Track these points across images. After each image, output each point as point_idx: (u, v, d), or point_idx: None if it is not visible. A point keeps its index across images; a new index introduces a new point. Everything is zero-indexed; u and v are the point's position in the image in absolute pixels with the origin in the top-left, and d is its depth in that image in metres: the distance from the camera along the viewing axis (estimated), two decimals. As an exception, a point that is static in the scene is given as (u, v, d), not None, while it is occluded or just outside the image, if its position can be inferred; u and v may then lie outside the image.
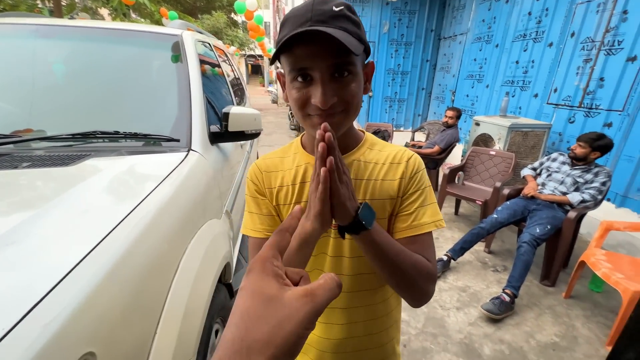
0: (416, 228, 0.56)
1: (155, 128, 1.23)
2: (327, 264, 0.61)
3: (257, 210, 0.62)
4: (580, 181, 2.17)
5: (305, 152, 0.61)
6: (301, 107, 0.49)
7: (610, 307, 2.00)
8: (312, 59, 0.45)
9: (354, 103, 0.50)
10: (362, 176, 0.58)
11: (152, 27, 1.67)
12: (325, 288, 0.24)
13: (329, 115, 0.48)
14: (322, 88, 0.46)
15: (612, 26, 2.76)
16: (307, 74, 0.47)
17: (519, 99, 3.87)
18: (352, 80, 0.48)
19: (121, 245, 0.67)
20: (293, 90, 0.49)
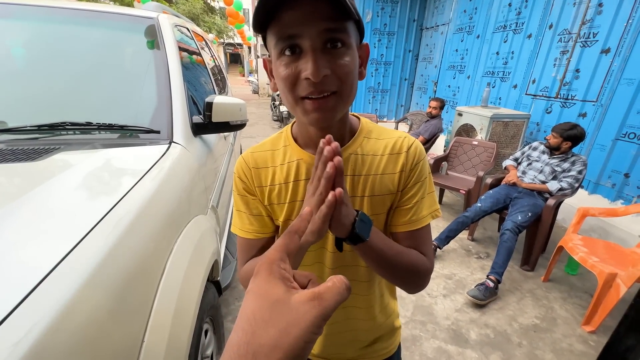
0: (415, 222, 0.55)
1: (132, 119, 1.14)
2: (327, 258, 0.59)
3: (245, 209, 0.59)
4: (558, 170, 2.25)
5: (297, 146, 0.55)
6: (291, 88, 0.43)
7: (585, 288, 2.11)
8: (301, 23, 0.40)
9: (349, 82, 0.44)
10: (360, 172, 0.54)
11: (125, 8, 1.54)
12: (334, 291, 0.24)
13: (322, 99, 0.43)
14: (312, 56, 0.40)
15: (588, 18, 2.84)
16: (296, 45, 0.41)
17: (499, 90, 3.95)
18: (347, 53, 0.43)
19: (101, 247, 0.61)
20: (281, 68, 0.43)
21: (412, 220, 0.55)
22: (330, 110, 0.45)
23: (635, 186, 2.50)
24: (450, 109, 4.78)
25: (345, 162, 0.53)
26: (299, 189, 0.55)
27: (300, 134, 0.56)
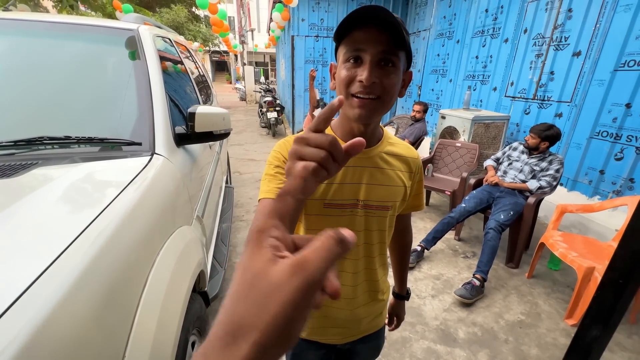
0: (419, 207, 0.81)
1: (113, 131, 1.14)
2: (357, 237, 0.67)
3: (274, 178, 0.66)
4: (537, 169, 2.34)
5: (335, 136, 0.62)
6: (346, 85, 0.56)
7: (567, 283, 2.18)
8: (367, 42, 0.53)
9: (390, 93, 0.56)
10: (388, 166, 0.69)
11: (104, 21, 1.54)
12: (321, 252, 0.20)
13: (367, 100, 0.55)
14: (369, 67, 0.53)
15: (559, 23, 2.97)
16: (359, 57, 0.55)
17: (480, 93, 4.07)
18: (394, 72, 0.56)
19: (81, 261, 0.60)
20: (343, 70, 0.56)
21: (416, 206, 0.80)
22: (371, 110, 0.56)
23: (610, 182, 2.60)
24: (434, 112, 4.89)
25: (376, 158, 0.68)
26: (338, 173, 0.65)
27: (341, 127, 0.67)
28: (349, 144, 0.32)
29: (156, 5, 14.38)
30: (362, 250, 0.73)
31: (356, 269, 0.74)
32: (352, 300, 0.75)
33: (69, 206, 0.78)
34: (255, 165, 4.85)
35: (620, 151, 2.52)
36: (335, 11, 5.78)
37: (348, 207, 0.67)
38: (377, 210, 0.69)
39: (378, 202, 0.68)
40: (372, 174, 0.67)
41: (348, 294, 0.75)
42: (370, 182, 0.67)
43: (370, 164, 0.67)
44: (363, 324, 0.80)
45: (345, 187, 0.66)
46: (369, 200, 0.68)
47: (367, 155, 0.67)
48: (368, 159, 0.67)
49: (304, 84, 6.21)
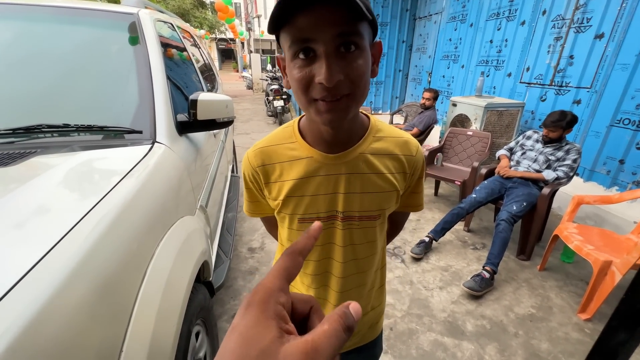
0: (419, 207, 0.70)
1: (112, 119, 1.11)
2: (337, 253, 0.62)
3: (248, 197, 0.68)
4: (552, 159, 2.24)
5: (305, 144, 0.57)
6: (304, 90, 0.44)
7: (580, 276, 2.11)
8: (316, 27, 0.40)
9: (362, 84, 0.45)
10: (370, 170, 0.57)
11: (102, 4, 1.49)
12: (331, 338, 0.19)
13: (335, 101, 0.44)
14: (326, 62, 0.41)
15: (581, 3, 2.80)
16: (310, 49, 0.42)
17: (494, 79, 3.91)
18: (360, 55, 0.43)
19: (78, 250, 0.59)
20: (294, 70, 0.44)
21: (412, 206, 0.70)
22: (343, 111, 0.46)
23: (630, 172, 2.49)
24: (445, 99, 4.75)
25: (356, 161, 0.56)
26: (308, 185, 0.57)
27: (310, 131, 0.57)
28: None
29: (162, -8, 14.19)
30: (352, 267, 0.63)
31: (345, 287, 0.65)
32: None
33: (66, 195, 0.76)
34: (262, 155, 4.81)
35: (642, 140, 2.40)
36: (343, -5, 5.58)
37: (325, 219, 0.58)
38: (361, 221, 0.59)
39: (361, 212, 0.58)
40: (350, 181, 0.56)
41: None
42: (349, 191, 0.56)
43: (347, 169, 0.56)
44: (354, 338, 0.73)
45: (319, 199, 0.57)
46: (350, 211, 0.58)
47: (343, 160, 0.55)
48: (344, 164, 0.55)
49: (311, 72, 6.07)
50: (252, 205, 0.68)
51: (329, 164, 0.56)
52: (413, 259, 2.25)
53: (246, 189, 0.66)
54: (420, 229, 2.67)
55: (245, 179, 0.64)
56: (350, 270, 0.63)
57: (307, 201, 0.57)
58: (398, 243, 2.45)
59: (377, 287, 0.73)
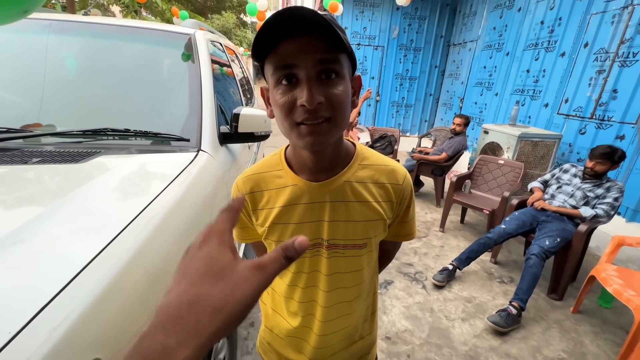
0: (410, 236, 0.69)
1: (165, 127, 1.22)
2: (322, 281, 0.61)
3: (240, 225, 0.67)
4: (591, 195, 2.13)
5: (290, 172, 0.58)
6: (287, 113, 0.46)
7: (620, 324, 1.95)
8: (298, 54, 0.43)
9: (341, 110, 0.47)
10: (356, 198, 0.57)
11: (165, 25, 1.67)
12: (275, 261, 0.25)
13: (316, 124, 0.46)
14: (307, 85, 0.44)
15: (627, 38, 2.72)
16: (292, 75, 0.45)
17: (529, 108, 3.82)
18: (340, 83, 0.46)
19: (130, 247, 0.65)
20: (277, 95, 0.46)
21: (409, 233, 0.68)
22: (324, 134, 0.47)
23: (680, 216, 2.30)
24: (476, 126, 4.68)
25: (341, 189, 0.56)
26: (293, 212, 0.57)
27: (295, 159, 0.58)
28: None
29: (208, 12, 15.33)
30: (336, 296, 0.61)
31: (329, 317, 0.63)
32: (324, 349, 0.65)
33: (123, 194, 0.85)
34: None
35: (694, 182, 2.23)
36: (379, 20, 5.77)
37: (311, 247, 0.58)
38: (346, 250, 0.58)
39: (346, 240, 0.58)
40: (335, 209, 0.56)
41: (318, 342, 0.64)
42: (334, 219, 0.56)
43: (331, 197, 0.56)
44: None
45: (304, 227, 0.57)
46: (334, 239, 0.58)
47: (328, 188, 0.56)
48: (329, 192, 0.56)
49: (341, 91, 6.24)
50: (242, 231, 0.67)
51: (313, 192, 0.56)
52: (435, 286, 2.19)
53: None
54: (443, 256, 2.59)
55: None
56: (336, 299, 0.62)
57: (292, 228, 0.58)
58: (420, 268, 2.40)
59: (369, 314, 0.71)
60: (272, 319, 0.70)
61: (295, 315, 0.65)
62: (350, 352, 0.70)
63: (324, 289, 0.61)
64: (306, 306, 0.63)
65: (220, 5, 15.23)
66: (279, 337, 0.69)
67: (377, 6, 5.68)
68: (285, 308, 0.66)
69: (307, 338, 0.66)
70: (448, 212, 3.03)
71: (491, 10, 4.64)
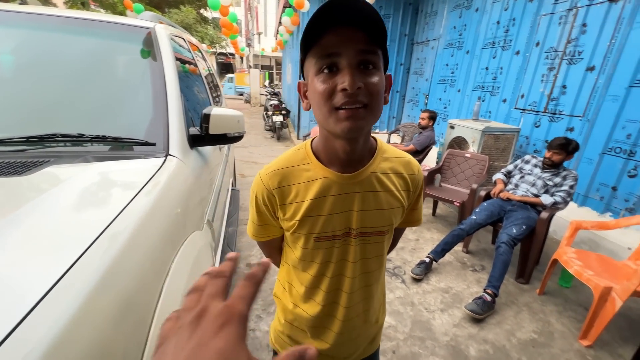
0: (417, 222, 0.74)
1: (127, 131, 1.10)
2: (349, 269, 0.65)
3: (259, 221, 0.68)
4: (550, 184, 2.29)
5: (319, 164, 0.60)
6: (327, 99, 0.48)
7: (579, 301, 2.12)
8: (340, 44, 0.46)
9: (377, 99, 0.49)
10: (382, 188, 0.62)
11: (121, 18, 1.51)
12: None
13: (354, 109, 0.48)
14: (349, 71, 0.46)
15: (573, 37, 2.96)
16: (334, 64, 0.47)
17: (489, 104, 4.05)
18: (377, 74, 0.49)
19: (96, 269, 0.56)
20: (318, 84, 0.49)
21: (412, 221, 0.73)
22: (361, 119, 0.49)
23: (623, 199, 2.56)
24: (442, 121, 4.87)
25: (368, 180, 0.60)
26: (324, 204, 0.60)
27: (325, 150, 0.59)
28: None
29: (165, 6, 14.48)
30: (359, 281, 0.66)
31: (352, 302, 0.67)
32: (347, 333, 0.69)
33: (83, 209, 0.74)
34: (259, 168, 4.75)
35: (634, 168, 2.48)
36: (344, 18, 5.79)
37: (340, 237, 0.62)
38: (372, 237, 0.63)
39: (373, 228, 0.62)
40: (364, 199, 0.60)
41: (341, 327, 0.68)
42: (362, 209, 0.60)
43: (361, 188, 0.60)
44: (356, 352, 0.75)
45: (335, 218, 0.60)
46: (363, 228, 0.61)
47: (357, 179, 0.59)
48: (358, 183, 0.59)
49: (310, 89, 6.20)
50: (260, 228, 0.68)
51: (343, 184, 0.59)
52: (413, 280, 2.23)
53: (257, 212, 0.66)
54: (419, 249, 2.66)
55: (257, 201, 0.64)
56: (359, 284, 0.66)
57: (322, 220, 0.60)
58: (398, 263, 2.44)
59: (382, 298, 0.77)
60: (292, 312, 0.71)
61: (319, 304, 0.67)
62: (366, 335, 0.74)
63: (350, 275, 0.64)
64: (332, 295, 0.66)
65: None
66: (300, 329, 0.71)
67: (343, 4, 5.69)
68: (308, 299, 0.68)
69: (330, 325, 0.69)
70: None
71: (451, 10, 4.84)
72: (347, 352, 0.73)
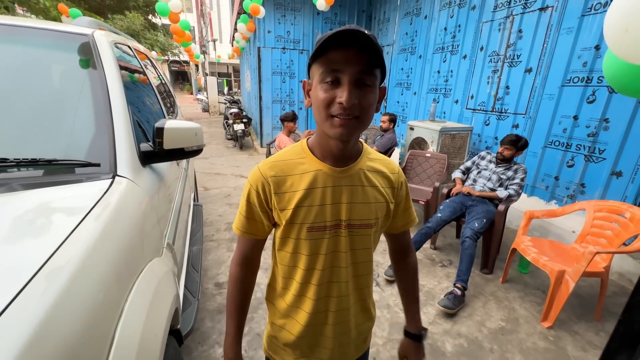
0: (410, 223, 0.78)
1: (63, 151, 0.97)
2: (340, 259, 0.69)
3: (247, 214, 0.69)
4: (504, 178, 2.46)
5: (314, 158, 0.66)
6: (325, 107, 0.57)
7: (537, 285, 2.29)
8: (344, 62, 0.54)
9: (368, 113, 0.58)
10: (368, 183, 0.68)
11: (54, 24, 1.34)
12: None
13: (347, 120, 0.56)
14: (348, 88, 0.54)
15: (511, 42, 3.23)
16: (336, 78, 0.55)
17: (443, 105, 4.28)
18: (371, 92, 0.57)
19: (36, 310, 0.47)
20: (320, 91, 0.56)
21: (409, 221, 0.77)
22: (352, 129, 0.58)
23: (564, 187, 2.83)
24: (401, 123, 5.06)
25: (357, 175, 0.67)
26: (317, 195, 0.65)
27: (320, 147, 0.66)
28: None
29: (108, 12, 13.51)
30: (351, 271, 0.71)
31: (346, 292, 0.71)
32: (342, 324, 0.73)
33: (13, 245, 0.62)
34: (223, 180, 4.61)
35: (571, 159, 2.76)
36: (301, 24, 5.82)
37: (331, 228, 0.66)
38: (360, 229, 0.68)
39: (361, 220, 0.67)
40: (352, 192, 0.66)
41: (336, 318, 0.72)
42: (351, 201, 0.66)
43: (350, 182, 0.66)
44: (351, 348, 0.78)
45: (327, 208, 0.65)
46: (351, 220, 0.66)
47: (347, 174, 0.66)
48: (348, 177, 0.66)
49: (271, 96, 6.13)
50: (246, 222, 0.69)
51: (334, 176, 0.65)
52: (387, 282, 2.25)
53: (246, 202, 0.68)
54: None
55: (250, 191, 0.67)
56: (350, 274, 0.70)
57: (315, 210, 0.65)
58: (371, 266, 2.45)
59: (371, 296, 0.80)
60: (286, 313, 0.73)
61: (309, 299, 0.70)
62: (357, 332, 0.76)
63: (342, 265, 0.69)
64: (323, 288, 0.69)
65: (122, 4, 13.52)
66: (292, 334, 0.73)
67: (299, 10, 5.72)
68: (302, 296, 0.71)
69: (325, 319, 0.72)
70: (388, 207, 3.18)
71: (402, 17, 5.07)
72: (342, 343, 0.75)
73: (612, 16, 1.35)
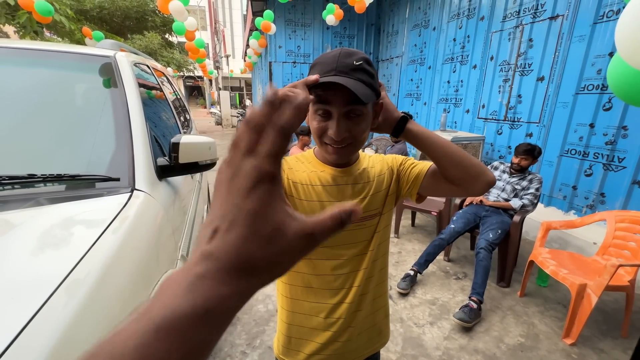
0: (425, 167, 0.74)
1: (85, 167, 1.02)
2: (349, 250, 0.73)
3: None
4: (518, 188, 2.41)
5: (318, 161, 0.74)
6: (319, 136, 0.64)
7: (557, 299, 2.19)
8: (334, 98, 0.58)
9: (360, 138, 0.64)
10: (367, 179, 0.74)
11: (78, 47, 1.43)
12: (325, 229, 0.22)
13: (340, 148, 0.62)
14: (337, 124, 0.59)
15: (522, 51, 3.22)
16: (327, 111, 0.60)
17: (454, 115, 4.26)
18: (362, 120, 0.61)
19: (59, 322, 0.50)
20: (314, 121, 0.63)
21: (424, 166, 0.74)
22: (345, 154, 0.65)
23: (583, 197, 2.74)
24: (412, 133, 5.04)
25: (360, 174, 0.74)
26: (315, 192, 0.70)
27: (322, 156, 0.74)
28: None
29: (128, 32, 14.20)
30: (366, 261, 0.74)
31: (359, 283, 0.74)
32: (355, 312, 0.75)
33: (37, 258, 0.65)
34: (235, 192, 4.67)
35: (589, 167, 2.68)
36: (311, 39, 5.96)
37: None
38: (366, 221, 0.73)
39: (366, 213, 0.72)
40: (355, 189, 0.72)
41: (345, 311, 0.73)
42: (355, 198, 0.72)
43: (351, 180, 0.72)
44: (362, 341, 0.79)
45: (330, 205, 0.67)
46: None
47: (347, 174, 0.72)
48: (348, 176, 0.72)
49: (282, 109, 6.24)
50: None
51: (337, 176, 0.71)
52: (400, 294, 2.21)
53: None
54: (402, 262, 2.66)
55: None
56: (363, 264, 0.74)
57: (318, 206, 0.69)
58: (383, 278, 2.41)
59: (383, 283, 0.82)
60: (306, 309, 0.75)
61: (335, 291, 0.73)
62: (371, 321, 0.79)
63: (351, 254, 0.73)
64: (345, 278, 0.73)
65: (142, 25, 14.21)
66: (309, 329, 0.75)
67: (309, 26, 5.87)
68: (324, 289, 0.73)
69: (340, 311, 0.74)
70: (400, 218, 3.15)
71: (411, 29, 5.13)
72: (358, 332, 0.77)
73: (624, 24, 1.33)
